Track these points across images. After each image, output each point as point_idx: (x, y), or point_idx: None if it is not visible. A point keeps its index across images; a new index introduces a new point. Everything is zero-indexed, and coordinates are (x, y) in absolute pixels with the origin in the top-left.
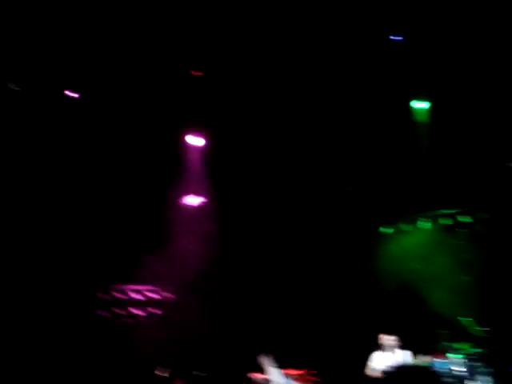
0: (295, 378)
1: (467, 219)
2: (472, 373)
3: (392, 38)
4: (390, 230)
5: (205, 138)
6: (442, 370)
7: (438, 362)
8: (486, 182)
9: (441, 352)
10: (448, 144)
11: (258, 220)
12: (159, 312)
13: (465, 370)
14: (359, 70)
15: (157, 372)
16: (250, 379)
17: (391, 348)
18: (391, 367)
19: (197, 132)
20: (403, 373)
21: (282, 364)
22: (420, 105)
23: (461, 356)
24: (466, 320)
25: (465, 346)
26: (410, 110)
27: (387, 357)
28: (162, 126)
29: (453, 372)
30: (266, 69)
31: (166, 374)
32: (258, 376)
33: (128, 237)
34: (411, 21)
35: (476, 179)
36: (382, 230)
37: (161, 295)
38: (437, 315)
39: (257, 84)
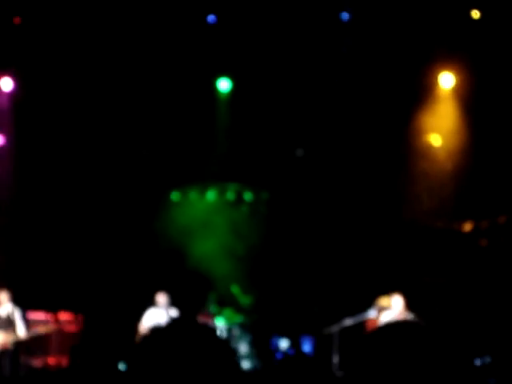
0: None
1: (249, 196)
2: (232, 338)
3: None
4: (176, 196)
5: (14, 79)
6: None
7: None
8: (272, 164)
9: (206, 314)
10: (244, 123)
11: (57, 166)
12: None
13: (226, 334)
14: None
15: None
16: None
17: (164, 306)
18: (160, 324)
19: (7, 73)
20: (169, 329)
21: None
22: (223, 83)
23: (223, 321)
24: (234, 287)
25: (228, 313)
26: (213, 85)
27: (159, 314)
28: None
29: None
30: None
31: None
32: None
33: None
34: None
35: (264, 159)
36: (170, 196)
37: None
38: (207, 279)
39: (69, 32)
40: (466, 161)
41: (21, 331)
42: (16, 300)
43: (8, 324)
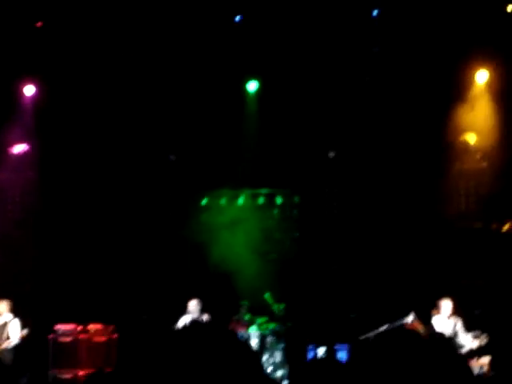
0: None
1: (280, 200)
2: (266, 347)
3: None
4: (205, 202)
5: (37, 87)
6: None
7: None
8: (303, 166)
9: (240, 323)
10: (273, 127)
11: (82, 173)
12: None
13: (259, 343)
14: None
15: None
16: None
17: (196, 312)
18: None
19: (30, 81)
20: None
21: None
22: (251, 85)
23: (257, 329)
24: (267, 295)
25: (262, 320)
26: (241, 88)
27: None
28: None
29: (249, 345)
30: (100, 24)
31: None
32: None
33: None
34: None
35: (295, 162)
36: (201, 201)
37: None
38: (240, 287)
39: (91, 36)
40: (503, 159)
41: (7, 342)
42: (45, 311)
43: (1, 334)
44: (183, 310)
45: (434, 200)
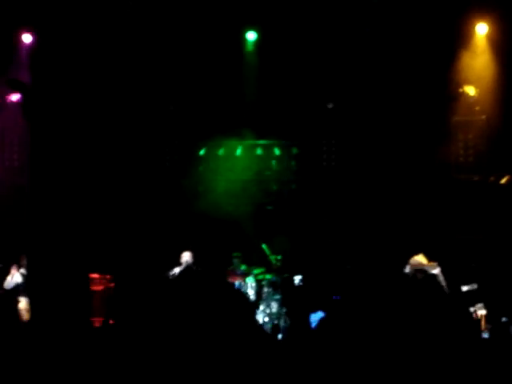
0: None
1: (278, 151)
2: (262, 297)
3: None
4: (203, 152)
5: (34, 35)
6: None
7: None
8: (301, 118)
9: (236, 274)
10: (272, 78)
11: (80, 122)
12: None
13: (255, 293)
14: None
15: None
16: None
17: (188, 264)
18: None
19: (27, 29)
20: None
21: None
22: (250, 35)
23: (253, 279)
24: (264, 246)
25: (259, 271)
26: (240, 39)
27: None
28: None
29: (245, 294)
30: None
31: None
32: None
33: None
34: None
35: (293, 115)
36: (199, 152)
37: None
38: (236, 238)
39: None
40: (502, 112)
41: None
42: None
43: None
44: (176, 262)
45: (432, 151)
